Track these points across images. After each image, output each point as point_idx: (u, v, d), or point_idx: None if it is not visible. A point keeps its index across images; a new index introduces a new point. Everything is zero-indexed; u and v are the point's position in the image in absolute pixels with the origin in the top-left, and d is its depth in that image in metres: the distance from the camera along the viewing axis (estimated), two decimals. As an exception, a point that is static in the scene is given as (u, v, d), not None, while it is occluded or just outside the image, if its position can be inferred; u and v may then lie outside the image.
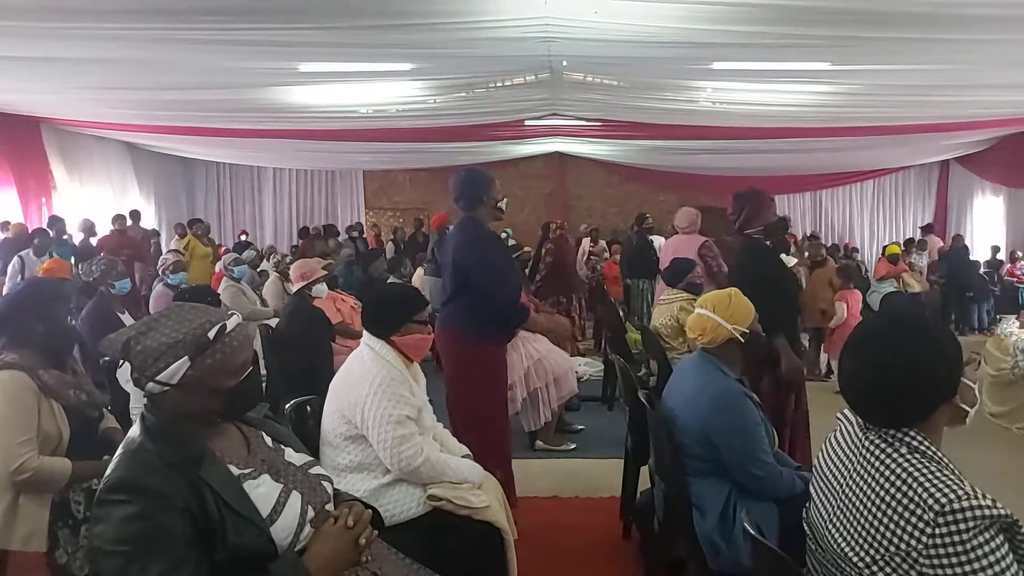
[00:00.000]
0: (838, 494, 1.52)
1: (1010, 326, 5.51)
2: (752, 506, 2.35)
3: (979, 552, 1.26)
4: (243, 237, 12.27)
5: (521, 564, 2.41)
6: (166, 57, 6.01)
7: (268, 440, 1.64)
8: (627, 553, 3.25)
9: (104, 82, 7.11)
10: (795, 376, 3.42)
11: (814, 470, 1.66)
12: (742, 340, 2.52)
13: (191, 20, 5.00)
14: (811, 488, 1.65)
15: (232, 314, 1.56)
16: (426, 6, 5.05)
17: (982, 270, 10.39)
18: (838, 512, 1.51)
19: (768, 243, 3.63)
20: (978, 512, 1.27)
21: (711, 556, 2.39)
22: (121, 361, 1.49)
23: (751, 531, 1.72)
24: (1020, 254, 10.98)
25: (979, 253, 11.25)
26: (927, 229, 12.45)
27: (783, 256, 4.89)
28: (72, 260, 7.86)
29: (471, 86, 7.96)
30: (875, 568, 1.37)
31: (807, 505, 1.68)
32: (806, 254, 8.95)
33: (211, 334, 1.44)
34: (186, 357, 1.41)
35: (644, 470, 3.21)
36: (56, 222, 8.62)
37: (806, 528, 1.66)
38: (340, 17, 5.10)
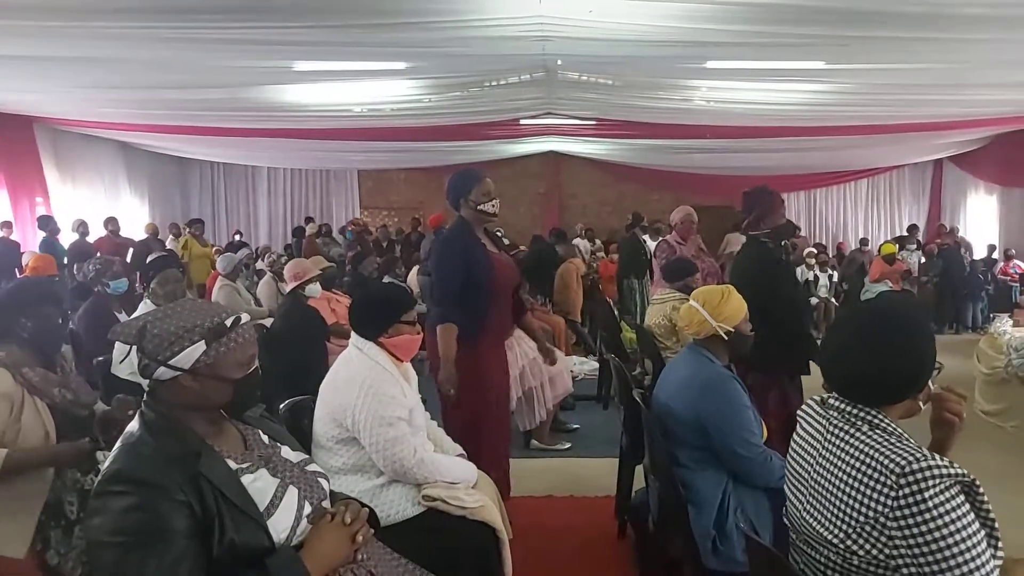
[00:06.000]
0: (808, 482, 1.57)
1: (1003, 324, 5.53)
2: (746, 500, 2.38)
3: (942, 510, 1.30)
4: (237, 237, 12.20)
5: (516, 564, 2.41)
6: (160, 56, 5.99)
7: (264, 438, 1.65)
8: (622, 552, 3.25)
9: (98, 81, 7.08)
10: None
11: (786, 469, 1.69)
12: (725, 338, 2.56)
13: (185, 19, 4.99)
14: (785, 487, 1.69)
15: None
16: (421, 5, 5.05)
17: (980, 269, 10.41)
18: (810, 499, 1.55)
19: (771, 246, 3.53)
20: (936, 471, 1.32)
21: (706, 554, 2.39)
22: (125, 354, 1.48)
23: (745, 530, 1.73)
24: (1014, 252, 11.01)
25: (973, 251, 11.29)
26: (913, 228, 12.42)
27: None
28: (64, 260, 7.84)
29: (466, 85, 7.96)
30: (849, 542, 1.41)
31: (786, 504, 1.71)
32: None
33: (228, 322, 1.49)
34: (202, 342, 1.45)
35: (639, 469, 3.20)
36: (47, 222, 8.57)
37: (787, 523, 1.69)
38: (335, 16, 5.09)
